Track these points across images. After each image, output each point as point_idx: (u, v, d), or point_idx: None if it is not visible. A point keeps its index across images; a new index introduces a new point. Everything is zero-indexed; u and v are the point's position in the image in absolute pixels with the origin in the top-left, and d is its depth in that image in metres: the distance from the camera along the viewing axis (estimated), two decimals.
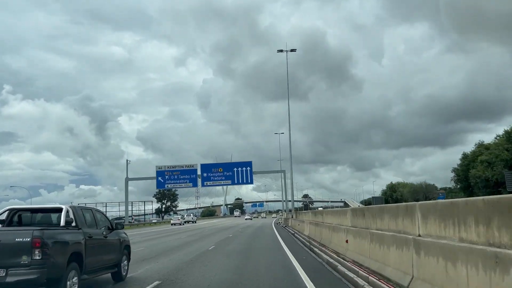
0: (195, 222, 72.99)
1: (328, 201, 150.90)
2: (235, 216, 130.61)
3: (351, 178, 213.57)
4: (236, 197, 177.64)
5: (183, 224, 62.00)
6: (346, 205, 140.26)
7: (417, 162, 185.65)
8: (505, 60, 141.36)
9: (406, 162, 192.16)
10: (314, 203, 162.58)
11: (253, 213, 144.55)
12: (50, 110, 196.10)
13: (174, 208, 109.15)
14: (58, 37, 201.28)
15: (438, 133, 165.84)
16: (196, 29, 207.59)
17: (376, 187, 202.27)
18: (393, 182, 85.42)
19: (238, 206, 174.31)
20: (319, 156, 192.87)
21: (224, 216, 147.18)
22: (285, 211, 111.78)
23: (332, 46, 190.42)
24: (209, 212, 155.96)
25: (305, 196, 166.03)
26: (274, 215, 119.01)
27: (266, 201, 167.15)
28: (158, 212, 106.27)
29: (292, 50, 43.85)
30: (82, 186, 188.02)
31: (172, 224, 60.31)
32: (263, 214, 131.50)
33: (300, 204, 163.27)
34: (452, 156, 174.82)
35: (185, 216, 78.94)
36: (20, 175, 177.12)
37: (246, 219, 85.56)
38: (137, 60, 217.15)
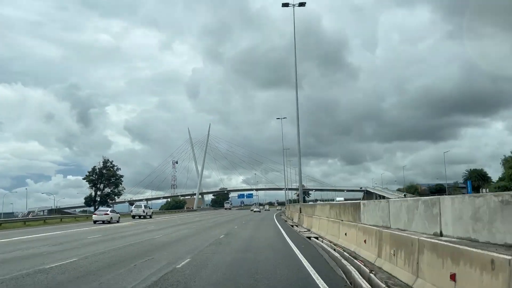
0: (151, 217, 52.19)
1: (343, 190, 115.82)
2: (226, 209, 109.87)
3: (341, 171, 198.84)
4: (220, 187, 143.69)
5: (118, 222, 39.30)
6: (368, 194, 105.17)
7: (409, 156, 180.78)
8: (505, 49, 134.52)
9: (397, 156, 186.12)
10: (320, 192, 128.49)
11: (265, 204, 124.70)
12: (34, 99, 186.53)
13: (116, 197, 71.52)
14: (43, 23, 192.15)
15: (431, 126, 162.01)
16: (184, 13, 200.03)
17: (365, 181, 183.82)
18: None
19: (223, 196, 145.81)
20: (310, 149, 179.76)
21: (198, 209, 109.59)
22: (291, 201, 78.55)
23: (328, 30, 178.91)
24: (176, 204, 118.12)
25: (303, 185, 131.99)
26: (279, 207, 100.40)
27: (256, 189, 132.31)
28: (89, 202, 68.25)
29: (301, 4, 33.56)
30: (69, 177, 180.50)
31: (94, 222, 38.00)
32: (266, 206, 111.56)
33: (292, 196, 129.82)
34: (443, 151, 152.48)
35: (132, 208, 55.56)
36: (5, 164, 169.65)
37: (255, 211, 79.57)
38: (125, 47, 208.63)
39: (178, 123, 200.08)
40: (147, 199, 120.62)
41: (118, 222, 38.72)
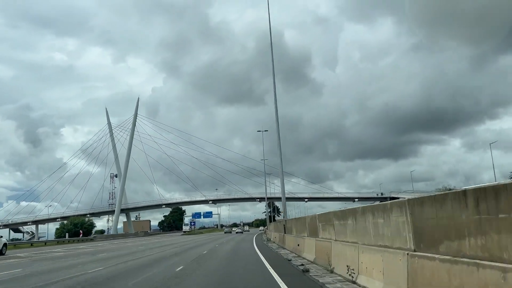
0: (2, 253, 29.30)
1: (353, 199, 78.79)
2: (184, 232, 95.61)
3: (305, 191, 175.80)
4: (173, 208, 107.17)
5: None
6: (391, 198, 68.58)
7: (370, 175, 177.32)
8: (463, 65, 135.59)
9: (359, 174, 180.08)
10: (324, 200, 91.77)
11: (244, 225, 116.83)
12: None
13: None
14: None
15: (393, 143, 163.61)
16: (140, 26, 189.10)
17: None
18: None
19: (173, 218, 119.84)
20: (273, 168, 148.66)
21: (100, 237, 69.74)
22: (263, 222, 39.42)
23: (291, 44, 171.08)
24: (75, 229, 76.62)
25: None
26: (261, 228, 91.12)
27: (214, 201, 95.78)
28: None
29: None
30: (22, 203, 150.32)
31: None
32: (246, 227, 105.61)
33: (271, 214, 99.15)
34: (403, 169, 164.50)
35: None
36: None
37: (237, 232, 78.70)
38: (80, 66, 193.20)
39: (137, 143, 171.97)
40: (36, 221, 78.97)
41: None
